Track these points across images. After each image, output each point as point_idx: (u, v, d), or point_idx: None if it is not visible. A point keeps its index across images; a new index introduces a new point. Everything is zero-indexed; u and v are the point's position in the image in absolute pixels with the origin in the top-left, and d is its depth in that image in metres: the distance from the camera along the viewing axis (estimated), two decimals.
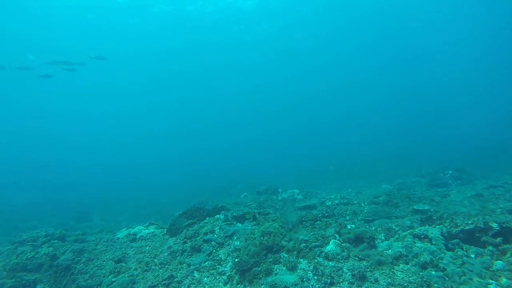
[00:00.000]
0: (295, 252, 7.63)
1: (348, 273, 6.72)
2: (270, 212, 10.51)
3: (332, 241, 7.63)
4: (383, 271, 6.79)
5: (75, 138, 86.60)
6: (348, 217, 12.10)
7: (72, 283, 8.96)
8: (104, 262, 9.18)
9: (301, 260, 7.38)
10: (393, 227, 9.28)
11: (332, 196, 14.93)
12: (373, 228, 9.41)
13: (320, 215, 9.65)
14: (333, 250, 7.34)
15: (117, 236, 10.49)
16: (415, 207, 12.00)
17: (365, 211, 12.41)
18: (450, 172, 23.38)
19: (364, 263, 7.03)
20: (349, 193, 21.74)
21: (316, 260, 7.17)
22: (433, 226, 8.58)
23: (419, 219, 9.52)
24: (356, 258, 7.24)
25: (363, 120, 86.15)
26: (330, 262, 7.10)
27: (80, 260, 9.46)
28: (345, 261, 7.14)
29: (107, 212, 33.09)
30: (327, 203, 13.90)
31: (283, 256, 7.66)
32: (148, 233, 10.20)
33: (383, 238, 8.84)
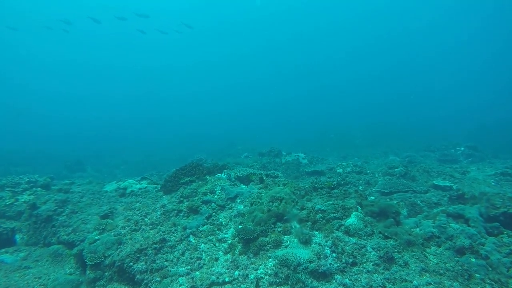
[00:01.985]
0: (309, 223, 6.55)
1: (372, 253, 5.68)
2: (279, 175, 9.36)
3: (353, 213, 6.53)
4: (413, 253, 5.75)
5: (77, 92, 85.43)
6: (361, 187, 11.04)
7: (53, 236, 8.00)
8: (89, 216, 8.16)
9: (316, 232, 6.33)
10: (418, 202, 8.21)
11: (343, 163, 13.80)
12: (394, 202, 8.33)
13: (335, 182, 8.52)
14: (355, 224, 6.26)
15: (105, 189, 9.40)
16: (434, 182, 10.92)
17: (379, 182, 11.34)
18: (462, 148, 22.30)
19: (392, 242, 5.98)
20: (355, 162, 20.75)
21: (334, 234, 6.11)
22: (468, 205, 7.50)
23: (448, 196, 8.42)
24: (381, 235, 6.19)
25: (364, 95, 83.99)
26: (352, 238, 6.04)
27: (63, 212, 8.43)
28: (369, 238, 6.08)
29: (102, 164, 32.27)
30: (338, 170, 12.79)
31: (295, 227, 6.60)
32: (139, 188, 9.11)
33: (405, 213, 7.78)
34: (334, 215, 6.58)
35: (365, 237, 6.08)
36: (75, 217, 8.20)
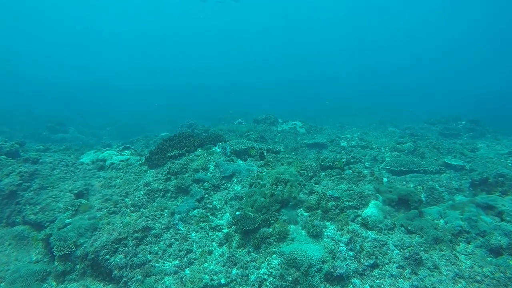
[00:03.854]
0: (319, 212, 5.59)
1: (395, 251, 4.80)
2: (281, 149, 8.26)
3: (372, 202, 5.57)
4: (442, 252, 4.89)
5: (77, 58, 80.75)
6: (367, 163, 10.12)
7: (18, 215, 6.88)
8: (61, 193, 7.01)
9: (328, 223, 5.39)
10: (437, 187, 7.31)
11: (348, 136, 12.77)
12: (411, 186, 7.42)
13: (343, 160, 7.49)
14: (374, 216, 5.32)
15: (81, 160, 8.16)
16: (446, 160, 10.07)
17: (387, 158, 10.42)
18: (464, 122, 21.55)
19: (417, 238, 5.09)
20: (353, 132, 19.86)
21: (350, 227, 5.18)
22: (496, 194, 6.65)
23: (469, 180, 7.54)
24: (403, 229, 5.29)
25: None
26: (370, 232, 5.13)
27: (30, 186, 7.25)
28: (390, 232, 5.17)
29: (86, 125, 30.51)
30: (342, 144, 11.76)
31: (302, 215, 5.64)
32: (121, 161, 7.92)
33: (424, 200, 6.90)
34: (350, 203, 5.61)
35: (385, 231, 5.17)
36: (44, 194, 7.04)
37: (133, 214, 5.95)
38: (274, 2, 72.41)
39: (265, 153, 7.46)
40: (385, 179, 7.49)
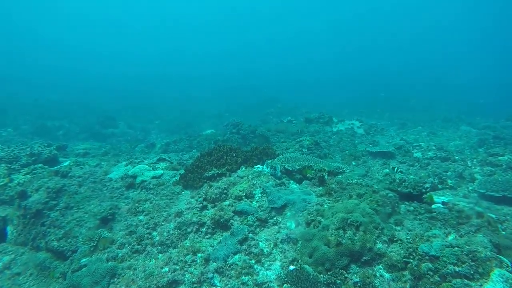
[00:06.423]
0: (407, 274, 3.92)
1: None
2: (345, 169, 6.57)
3: (496, 271, 3.73)
4: None
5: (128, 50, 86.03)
6: (450, 181, 8.00)
7: (42, 238, 6.17)
8: (86, 216, 6.15)
9: None
10: None
11: (422, 145, 10.50)
12: None
13: (428, 186, 5.60)
14: None
15: (110, 175, 7.27)
16: None
17: (477, 176, 8.17)
18: None
19: None
20: (419, 132, 17.19)
21: None
22: None
23: None
24: None
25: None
26: None
27: (57, 205, 6.51)
28: None
29: (135, 119, 31.14)
30: (416, 155, 9.61)
31: (382, 277, 4.01)
32: (153, 177, 6.86)
33: None
34: (456, 268, 3.83)
35: None
36: (69, 215, 6.23)
37: (159, 255, 4.80)
38: None
39: (326, 177, 5.84)
40: (493, 215, 5.46)
